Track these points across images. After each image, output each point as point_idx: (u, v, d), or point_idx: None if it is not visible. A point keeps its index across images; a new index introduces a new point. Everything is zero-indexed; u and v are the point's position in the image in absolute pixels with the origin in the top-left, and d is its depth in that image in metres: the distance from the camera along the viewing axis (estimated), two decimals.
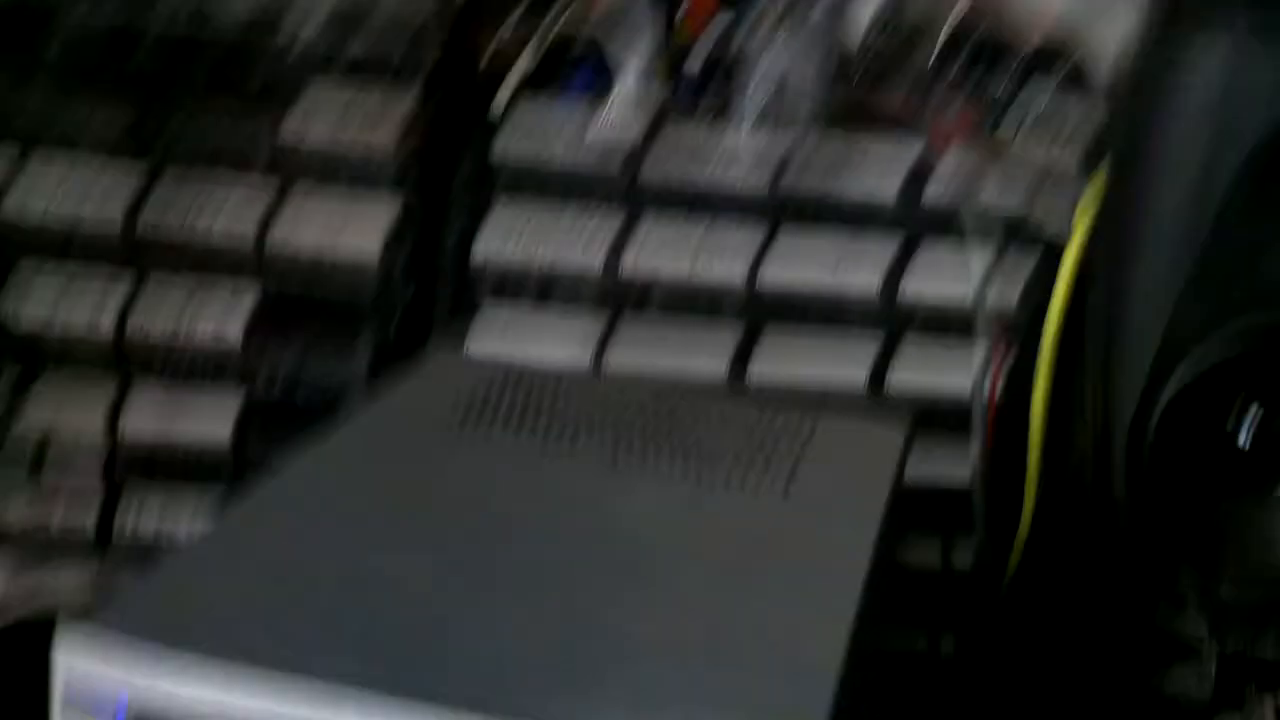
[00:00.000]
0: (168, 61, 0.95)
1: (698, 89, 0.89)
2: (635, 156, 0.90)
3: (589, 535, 0.71)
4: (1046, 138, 0.87)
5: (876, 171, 0.89)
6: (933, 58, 0.86)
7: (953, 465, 0.90)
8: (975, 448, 0.88)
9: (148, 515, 0.97)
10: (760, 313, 0.91)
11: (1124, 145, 0.77)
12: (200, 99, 0.95)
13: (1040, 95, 0.87)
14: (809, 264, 0.90)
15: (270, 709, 0.57)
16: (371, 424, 0.81)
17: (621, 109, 0.89)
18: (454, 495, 0.74)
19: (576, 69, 0.91)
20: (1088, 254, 0.80)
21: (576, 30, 0.90)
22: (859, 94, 0.88)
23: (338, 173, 0.93)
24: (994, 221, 0.87)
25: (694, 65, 0.89)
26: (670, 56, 0.90)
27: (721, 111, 0.89)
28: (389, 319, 0.94)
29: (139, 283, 0.95)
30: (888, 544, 0.73)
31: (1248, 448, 0.71)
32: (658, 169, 0.91)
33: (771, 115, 0.88)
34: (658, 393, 0.85)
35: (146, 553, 0.93)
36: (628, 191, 0.91)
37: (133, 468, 0.97)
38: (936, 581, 0.91)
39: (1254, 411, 0.70)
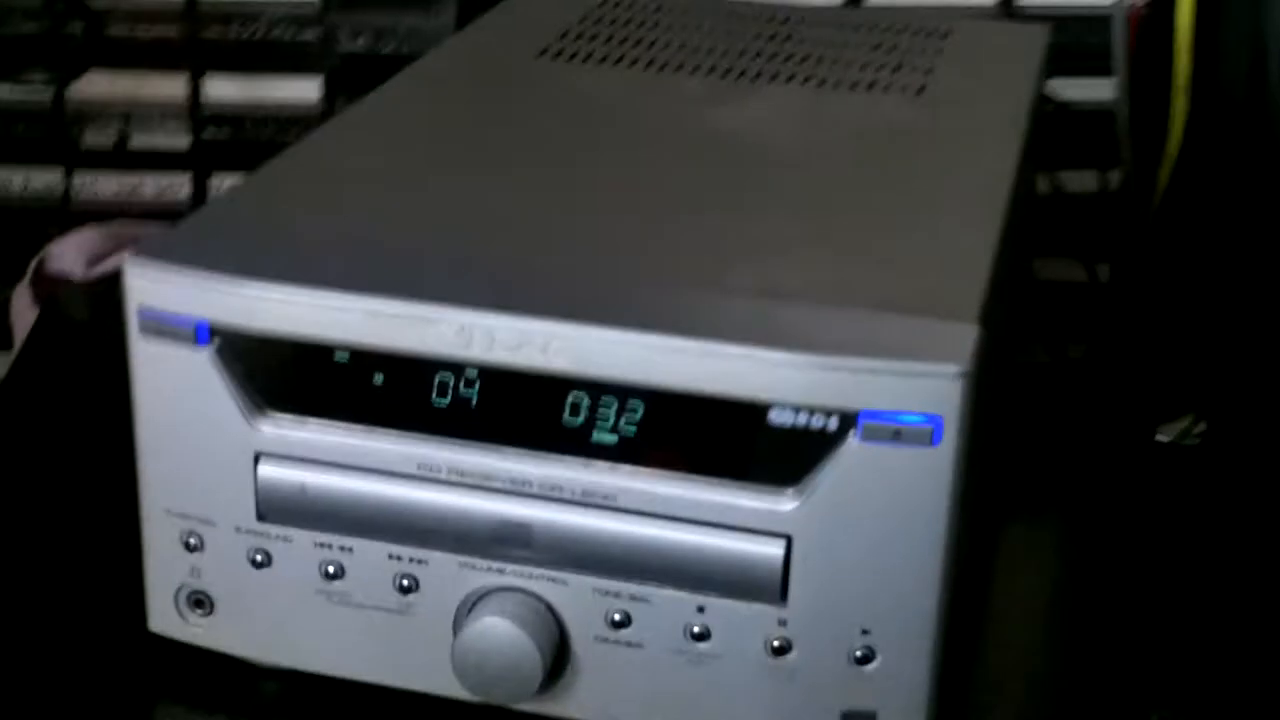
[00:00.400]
0: None
1: None
2: None
3: (699, 144, 0.67)
4: None
5: None
6: None
7: (1095, 88, 0.86)
8: (1119, 62, 0.83)
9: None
10: None
11: None
12: None
13: None
14: None
15: (364, 322, 0.54)
16: (453, 55, 0.78)
17: None
18: (547, 116, 0.70)
19: None
20: None
21: None
22: None
23: None
24: None
25: None
26: None
27: None
28: None
29: None
30: (1032, 150, 0.70)
31: None
32: None
33: None
34: (771, 14, 0.81)
35: None
36: None
37: (220, 134, 1.00)
38: (1088, 207, 0.87)
39: None
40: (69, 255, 0.93)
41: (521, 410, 0.55)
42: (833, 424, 0.52)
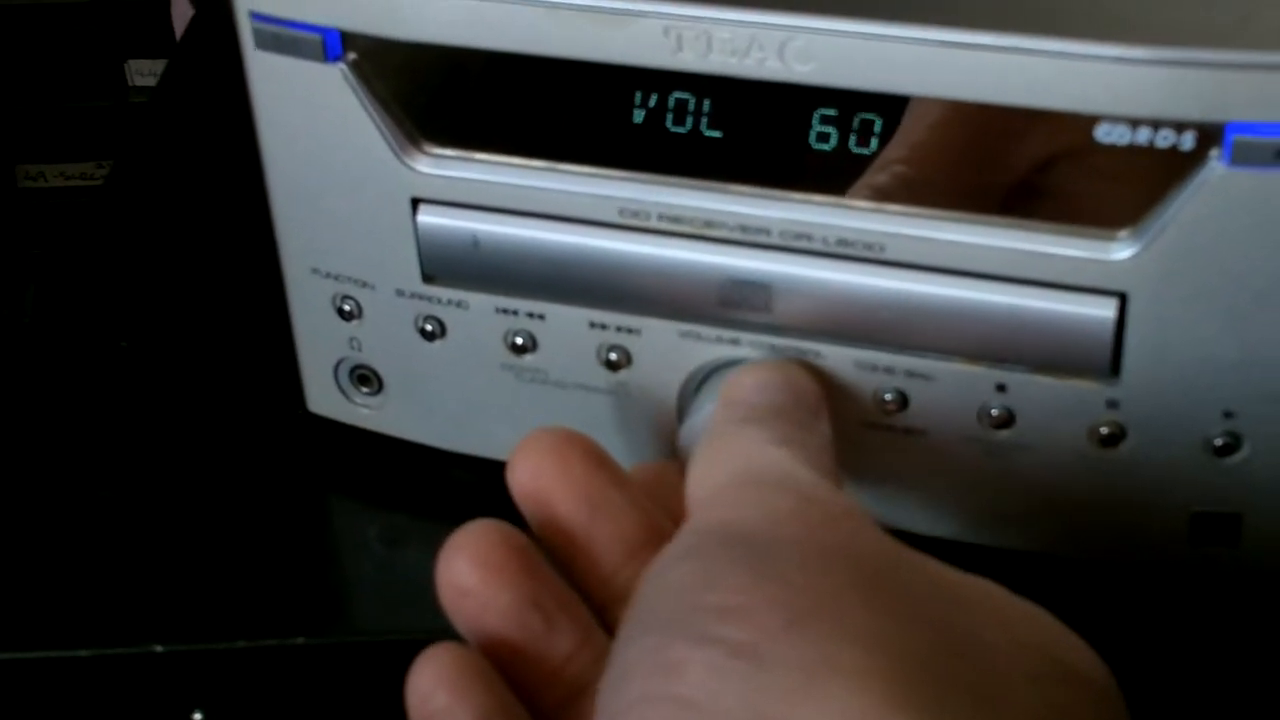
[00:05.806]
0: None
1: None
2: None
3: None
4: None
5: None
6: None
7: None
8: None
9: None
10: None
11: None
12: None
13: None
14: None
15: None
16: None
17: None
18: None
19: None
20: None
21: None
22: None
23: None
24: None
25: None
26: None
27: None
28: None
29: None
30: None
31: None
32: None
33: None
34: None
35: None
36: None
37: None
38: None
39: None
40: None
41: (752, 136, 0.41)
42: (1187, 141, 0.38)
